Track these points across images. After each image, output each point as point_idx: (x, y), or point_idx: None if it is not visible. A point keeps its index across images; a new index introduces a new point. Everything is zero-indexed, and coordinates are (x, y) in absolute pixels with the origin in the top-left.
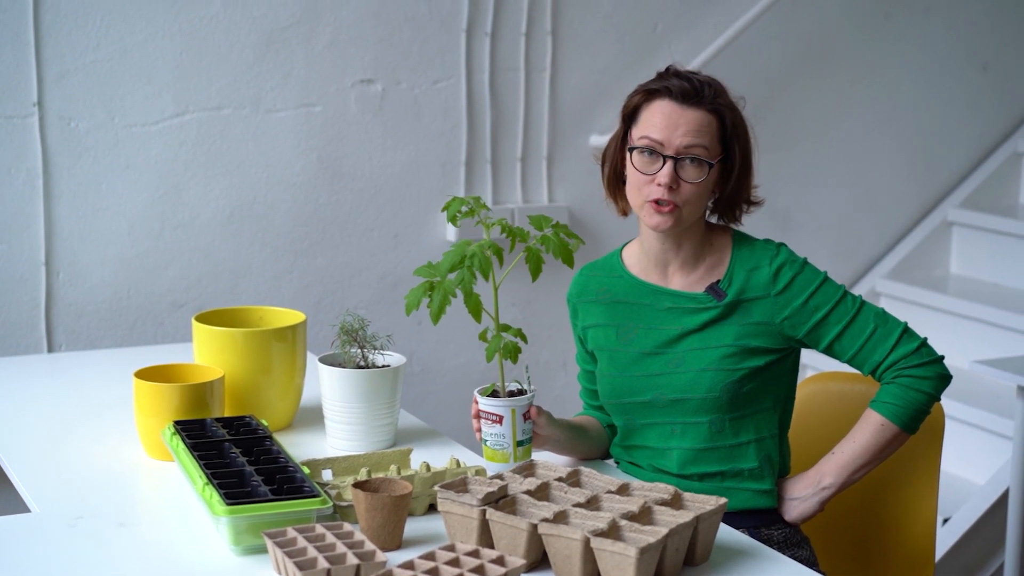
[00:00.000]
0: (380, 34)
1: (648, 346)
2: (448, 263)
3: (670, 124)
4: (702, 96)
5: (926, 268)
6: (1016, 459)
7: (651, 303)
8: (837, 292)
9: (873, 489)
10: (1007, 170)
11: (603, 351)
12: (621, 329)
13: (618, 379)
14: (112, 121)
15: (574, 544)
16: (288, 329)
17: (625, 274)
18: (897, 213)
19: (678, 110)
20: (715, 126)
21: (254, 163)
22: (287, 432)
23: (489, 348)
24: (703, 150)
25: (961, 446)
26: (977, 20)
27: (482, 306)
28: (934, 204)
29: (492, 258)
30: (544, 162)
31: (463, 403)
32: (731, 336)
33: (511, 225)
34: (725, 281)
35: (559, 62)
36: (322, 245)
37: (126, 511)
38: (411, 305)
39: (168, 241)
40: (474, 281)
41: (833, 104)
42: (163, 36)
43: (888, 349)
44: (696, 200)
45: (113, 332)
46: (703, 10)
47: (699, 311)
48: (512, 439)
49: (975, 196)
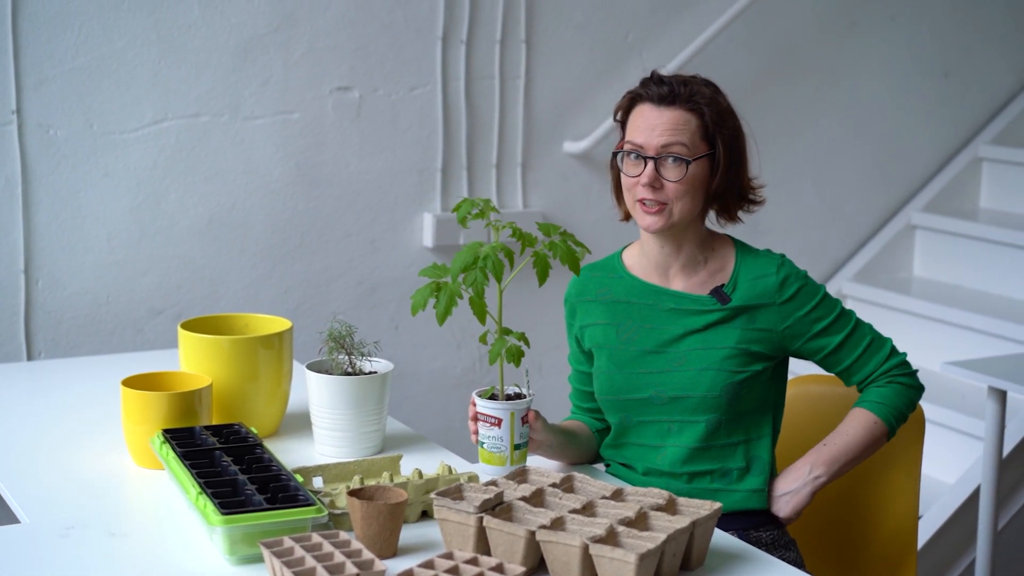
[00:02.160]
0: (357, 42)
1: (650, 344)
2: (461, 263)
3: (648, 126)
4: (677, 96)
5: (890, 271)
6: (988, 458)
7: (653, 303)
8: (836, 306)
9: (855, 490)
10: (968, 175)
11: (602, 348)
12: (622, 328)
13: (617, 375)
14: (91, 128)
15: (573, 551)
16: (275, 336)
17: (626, 275)
18: (862, 217)
19: (656, 112)
20: (695, 123)
21: (232, 170)
22: (274, 439)
23: (492, 351)
24: (682, 148)
25: (930, 445)
26: (939, 28)
27: (486, 308)
28: (898, 208)
29: (504, 260)
30: (519, 168)
31: (440, 407)
32: (734, 339)
33: (521, 229)
34: (730, 286)
35: (533, 70)
36: (300, 251)
37: (117, 521)
38: (417, 305)
39: (147, 248)
40: (486, 283)
41: (799, 110)
42: (141, 44)
43: (882, 360)
44: (684, 197)
45: (92, 339)
46: (673, 19)
47: (703, 312)
48: (510, 442)
49: (937, 200)
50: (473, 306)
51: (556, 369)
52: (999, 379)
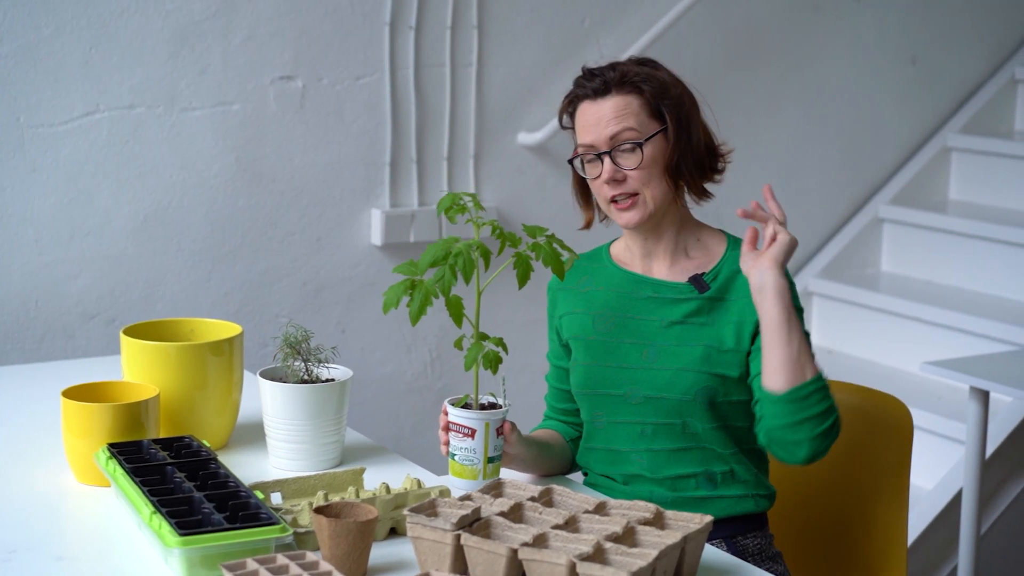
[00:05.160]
0: (300, 28)
1: (626, 335)
2: (430, 257)
3: (593, 122)
4: (609, 83)
5: (857, 266)
6: (971, 460)
7: (631, 291)
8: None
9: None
10: (937, 165)
11: (578, 339)
12: (597, 317)
13: (593, 368)
14: (17, 121)
15: (558, 569)
16: (224, 342)
17: (609, 263)
18: (828, 210)
19: (595, 106)
20: (636, 104)
21: (169, 165)
22: (225, 452)
23: (468, 357)
24: (631, 132)
25: None
26: (906, 12)
27: (463, 310)
28: (864, 200)
29: (479, 260)
30: (471, 161)
31: (390, 414)
32: (709, 335)
33: (502, 228)
34: (711, 275)
35: (486, 57)
36: (241, 251)
37: (63, 543)
38: (389, 303)
39: (78, 248)
40: (454, 283)
41: (763, 99)
42: (71, 31)
43: None
44: (651, 180)
45: (20, 347)
46: (631, 4)
47: (679, 301)
48: (483, 455)
49: (905, 192)
50: (450, 307)
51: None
52: (982, 379)
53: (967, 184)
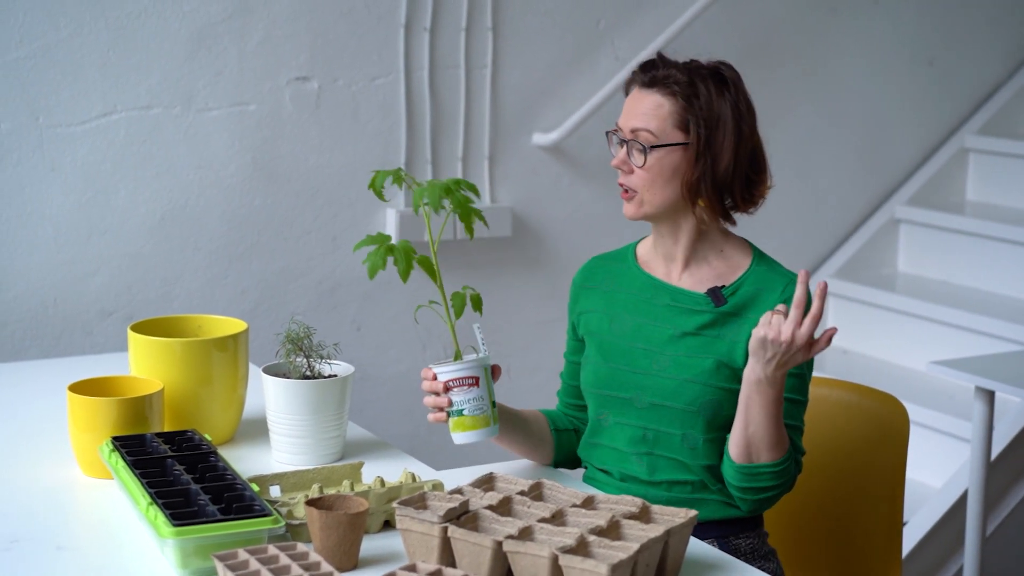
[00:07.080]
0: (316, 30)
1: (638, 341)
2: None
3: (628, 108)
4: (656, 78)
5: (874, 267)
6: (976, 461)
7: (650, 297)
8: (807, 367)
9: (837, 498)
10: (954, 166)
11: (593, 337)
12: (615, 318)
13: (603, 367)
14: (36, 121)
15: (541, 561)
16: (229, 338)
17: (633, 265)
18: (844, 211)
19: (638, 95)
20: (667, 108)
21: (185, 164)
22: (229, 446)
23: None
24: (648, 134)
25: (916, 448)
26: (923, 14)
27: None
28: (881, 201)
29: None
30: (486, 162)
31: (405, 412)
32: (720, 351)
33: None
34: (730, 289)
35: (500, 59)
36: (257, 249)
37: (65, 533)
38: (376, 266)
39: (96, 247)
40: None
41: (779, 100)
42: (89, 32)
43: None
44: (651, 186)
45: (39, 342)
46: (646, 5)
47: (695, 312)
48: (489, 399)
49: (922, 193)
50: (423, 264)
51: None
52: (987, 379)
53: (984, 185)
